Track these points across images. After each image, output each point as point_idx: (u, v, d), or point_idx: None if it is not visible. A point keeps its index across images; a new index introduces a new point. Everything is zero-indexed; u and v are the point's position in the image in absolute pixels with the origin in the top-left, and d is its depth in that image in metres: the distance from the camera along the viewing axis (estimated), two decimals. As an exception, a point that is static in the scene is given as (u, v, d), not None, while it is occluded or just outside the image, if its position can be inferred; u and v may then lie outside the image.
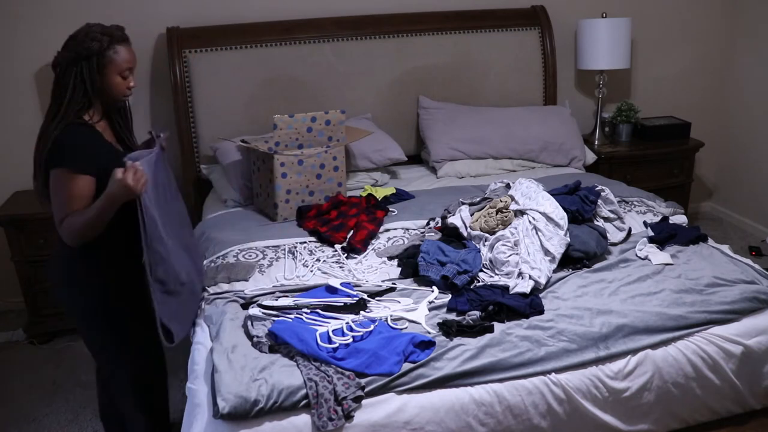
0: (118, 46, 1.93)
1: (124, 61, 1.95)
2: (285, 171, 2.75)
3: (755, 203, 4.14)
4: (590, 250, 2.31)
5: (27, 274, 3.13)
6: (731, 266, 2.25)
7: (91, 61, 1.90)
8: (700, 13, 4.09)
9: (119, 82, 1.96)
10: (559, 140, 3.43)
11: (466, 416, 1.73)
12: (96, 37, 1.90)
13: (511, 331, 1.91)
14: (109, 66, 1.92)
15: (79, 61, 1.89)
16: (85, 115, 1.94)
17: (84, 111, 1.93)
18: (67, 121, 1.89)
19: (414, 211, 2.81)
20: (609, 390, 1.84)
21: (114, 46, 1.92)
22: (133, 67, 1.99)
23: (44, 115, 1.95)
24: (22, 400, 2.85)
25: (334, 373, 1.71)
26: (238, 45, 3.33)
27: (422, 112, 3.54)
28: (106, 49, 1.91)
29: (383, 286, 2.17)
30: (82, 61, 1.89)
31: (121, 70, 1.95)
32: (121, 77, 1.96)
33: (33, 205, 3.15)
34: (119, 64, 1.93)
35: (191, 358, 1.96)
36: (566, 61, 3.89)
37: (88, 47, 1.89)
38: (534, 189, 2.51)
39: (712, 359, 1.93)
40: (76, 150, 1.88)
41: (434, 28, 3.56)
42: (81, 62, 1.89)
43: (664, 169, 3.81)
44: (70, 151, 1.87)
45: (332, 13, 3.50)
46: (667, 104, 4.16)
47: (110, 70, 1.93)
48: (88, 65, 1.90)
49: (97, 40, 1.89)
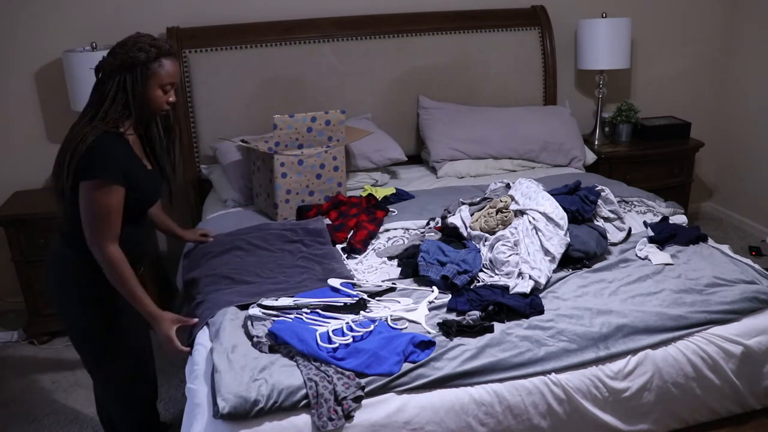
0: (164, 60, 1.90)
1: (168, 75, 1.92)
2: (285, 171, 2.75)
3: (755, 203, 4.14)
4: (590, 250, 2.31)
5: (27, 274, 3.13)
6: (731, 266, 2.25)
7: (135, 72, 1.87)
8: (700, 13, 4.09)
9: (159, 95, 1.93)
10: (559, 140, 3.43)
11: (466, 416, 1.73)
12: (144, 48, 1.87)
13: (511, 331, 1.91)
14: (152, 78, 1.89)
15: (123, 70, 1.86)
16: (121, 127, 1.92)
17: (121, 121, 1.90)
18: (104, 128, 1.86)
19: (414, 211, 2.81)
20: (609, 390, 1.84)
21: (160, 59, 1.89)
22: (175, 83, 1.96)
23: (79, 115, 1.93)
24: (22, 400, 2.85)
25: (334, 373, 1.71)
26: (238, 45, 3.33)
27: (422, 112, 3.54)
28: (152, 60, 1.88)
29: (383, 286, 2.17)
30: (127, 71, 1.86)
31: (163, 84, 1.92)
32: (162, 91, 1.93)
33: (33, 205, 3.16)
34: (162, 77, 1.90)
35: (191, 358, 1.96)
36: (566, 61, 3.89)
37: (135, 57, 1.86)
38: (534, 189, 2.51)
39: (712, 359, 1.93)
40: (109, 160, 1.84)
41: (434, 28, 3.56)
42: (125, 71, 1.86)
43: (664, 169, 3.81)
44: (103, 161, 1.83)
45: (332, 13, 3.50)
46: (667, 104, 4.16)
47: (153, 83, 1.90)
48: (132, 75, 1.87)
49: (144, 51, 1.86)
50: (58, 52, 3.21)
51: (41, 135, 3.40)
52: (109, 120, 1.87)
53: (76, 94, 3.09)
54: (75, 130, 1.88)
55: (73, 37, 3.25)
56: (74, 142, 1.84)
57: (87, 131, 1.84)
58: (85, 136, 1.83)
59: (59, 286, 2.02)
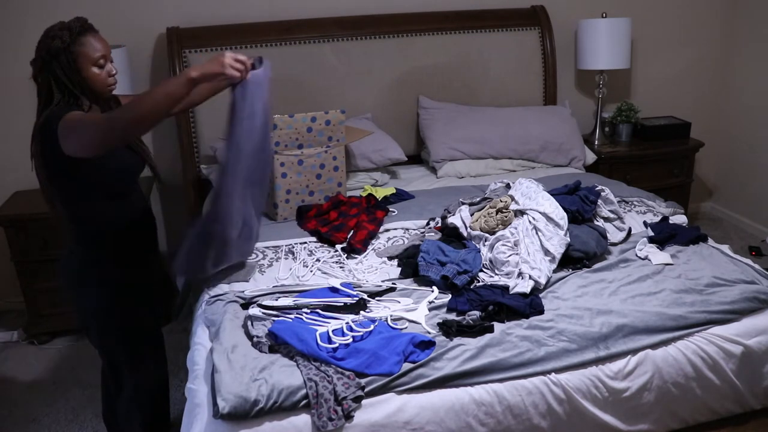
0: (81, 38, 1.85)
1: (94, 50, 1.86)
2: (285, 171, 2.75)
3: (755, 203, 4.14)
4: (590, 250, 2.31)
5: (27, 274, 3.13)
6: (731, 266, 2.25)
7: (60, 60, 1.83)
8: (700, 13, 4.09)
9: (97, 72, 1.87)
10: (559, 140, 3.43)
11: (466, 416, 1.73)
12: (56, 35, 1.83)
13: (511, 331, 1.91)
14: (79, 59, 1.84)
15: (49, 62, 1.83)
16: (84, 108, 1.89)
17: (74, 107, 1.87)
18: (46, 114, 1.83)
19: (414, 211, 2.81)
20: (609, 390, 1.84)
21: (78, 39, 1.85)
22: (107, 55, 1.89)
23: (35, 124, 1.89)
24: (22, 400, 2.85)
25: (334, 373, 1.71)
26: (238, 45, 3.33)
27: (422, 112, 3.54)
28: (70, 44, 1.83)
29: (383, 286, 2.17)
30: (53, 61, 1.83)
31: (93, 61, 1.86)
32: (98, 67, 1.87)
33: (33, 205, 3.16)
34: (89, 54, 1.85)
35: (191, 358, 1.96)
36: (566, 61, 3.89)
37: (51, 46, 1.82)
38: (534, 189, 2.51)
39: (712, 359, 1.93)
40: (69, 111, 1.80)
41: (434, 28, 3.56)
42: (51, 63, 1.83)
43: (664, 169, 3.81)
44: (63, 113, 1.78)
45: (332, 13, 3.50)
46: (667, 104, 4.16)
47: (83, 63, 1.84)
48: (59, 64, 1.83)
49: (57, 38, 1.83)
50: (58, 52, 3.20)
51: (41, 135, 3.39)
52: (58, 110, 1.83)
53: (76, 94, 3.09)
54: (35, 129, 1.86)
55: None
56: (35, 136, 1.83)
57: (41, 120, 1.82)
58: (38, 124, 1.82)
59: (74, 285, 2.04)
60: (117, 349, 2.11)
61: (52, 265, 3.11)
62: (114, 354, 2.13)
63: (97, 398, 2.76)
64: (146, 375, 2.18)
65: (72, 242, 2.02)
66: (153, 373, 2.23)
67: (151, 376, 2.22)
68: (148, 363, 2.19)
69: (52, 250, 3.10)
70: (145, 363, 2.17)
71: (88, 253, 1.97)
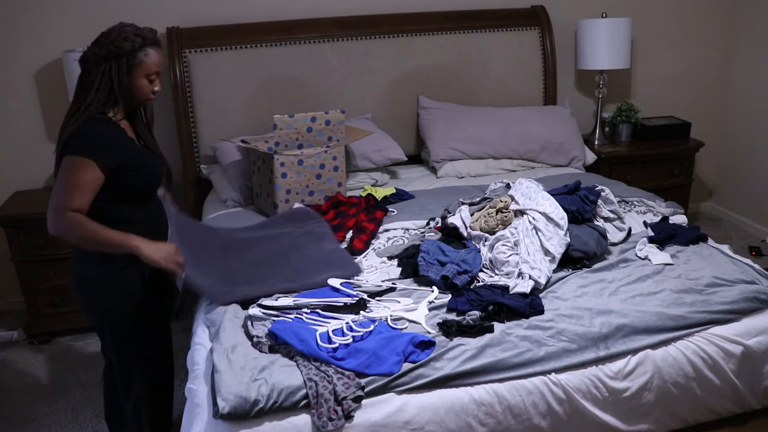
0: (149, 49, 1.92)
1: (154, 64, 1.94)
2: (285, 171, 2.75)
3: (755, 203, 4.14)
4: (590, 250, 2.31)
5: (27, 274, 3.13)
6: (731, 266, 2.25)
7: (120, 61, 1.88)
8: (700, 13, 4.09)
9: (145, 84, 1.95)
10: (559, 140, 3.43)
11: (466, 416, 1.73)
12: (129, 37, 1.88)
13: (511, 331, 1.91)
14: (138, 68, 1.91)
15: (108, 59, 1.88)
16: (109, 112, 1.95)
17: (108, 108, 1.93)
18: (88, 116, 1.88)
19: (414, 211, 2.81)
20: (609, 390, 1.84)
21: (145, 48, 1.91)
22: (160, 72, 1.98)
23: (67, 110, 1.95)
24: (22, 400, 2.85)
25: (334, 373, 1.71)
26: (238, 45, 3.33)
27: (422, 112, 3.54)
28: (137, 50, 1.89)
29: (383, 286, 2.17)
30: (112, 60, 1.88)
31: (148, 73, 1.94)
32: (148, 80, 1.95)
33: (33, 205, 3.16)
34: (148, 66, 1.93)
35: (191, 358, 1.96)
36: (566, 61, 3.89)
37: (120, 46, 1.87)
38: (534, 189, 2.51)
39: (712, 359, 1.93)
40: (93, 141, 1.86)
41: (434, 28, 3.56)
42: (111, 61, 1.88)
43: (664, 169, 3.81)
44: (87, 141, 1.86)
45: (332, 13, 3.50)
46: (667, 104, 4.16)
47: (138, 72, 1.92)
48: (117, 65, 1.88)
49: (129, 40, 1.88)
50: (58, 52, 3.21)
51: (41, 135, 3.40)
52: (93, 109, 1.89)
53: (76, 94, 3.10)
54: (63, 124, 1.91)
55: (73, 37, 3.25)
56: (62, 134, 1.88)
57: (72, 122, 1.87)
58: (71, 126, 1.86)
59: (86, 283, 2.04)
60: (128, 349, 2.11)
61: (52, 265, 3.13)
62: (123, 354, 2.12)
63: (97, 398, 2.77)
64: (156, 375, 2.18)
65: None
66: (163, 372, 2.23)
67: (162, 376, 2.23)
68: (158, 362, 2.19)
69: (52, 250, 3.10)
70: (154, 362, 2.17)
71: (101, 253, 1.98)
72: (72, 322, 3.24)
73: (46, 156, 3.36)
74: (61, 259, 3.09)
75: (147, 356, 2.14)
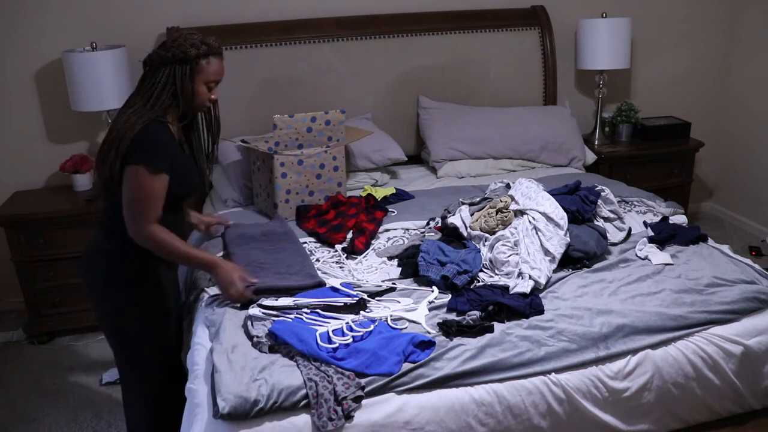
0: (212, 58, 1.98)
1: (214, 72, 2.00)
2: (285, 171, 2.75)
3: (755, 203, 4.14)
4: (590, 250, 2.31)
5: (27, 274, 3.13)
6: (731, 266, 2.25)
7: (184, 66, 1.94)
8: (700, 13, 4.09)
9: (204, 91, 2.00)
10: (559, 140, 3.43)
11: (466, 416, 1.73)
12: (196, 44, 1.95)
13: (511, 331, 1.91)
14: (199, 74, 1.97)
15: (174, 63, 1.93)
16: (168, 116, 1.99)
17: (168, 111, 1.98)
18: (151, 117, 1.91)
19: (414, 211, 2.81)
20: (609, 390, 1.84)
21: (209, 57, 1.97)
22: (219, 81, 2.04)
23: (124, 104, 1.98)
24: (22, 400, 2.85)
25: (334, 373, 1.71)
26: (238, 45, 3.33)
27: (422, 112, 3.54)
28: (202, 57, 1.95)
29: (383, 286, 2.17)
30: (177, 64, 1.93)
31: (208, 81, 1.99)
32: (207, 88, 2.01)
33: (33, 205, 3.16)
34: (209, 74, 1.98)
35: (191, 358, 1.96)
36: (566, 61, 3.89)
37: (186, 52, 1.93)
38: (534, 189, 2.51)
39: (712, 359, 1.93)
40: (157, 147, 1.91)
41: (434, 28, 3.56)
42: (175, 65, 1.93)
43: (664, 169, 3.81)
44: (152, 149, 1.89)
45: (332, 13, 3.50)
46: (667, 104, 4.16)
47: (199, 78, 1.97)
48: (182, 69, 1.94)
49: (195, 47, 1.94)
50: (58, 52, 3.21)
51: (41, 135, 3.40)
52: (157, 109, 1.94)
53: (76, 94, 3.09)
54: (122, 118, 1.93)
55: (73, 37, 3.25)
56: (122, 130, 1.89)
57: (135, 119, 1.90)
58: (134, 123, 1.89)
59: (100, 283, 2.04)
60: (137, 349, 2.10)
61: (52, 265, 3.13)
62: (132, 353, 2.12)
63: (97, 398, 2.78)
64: (164, 375, 2.17)
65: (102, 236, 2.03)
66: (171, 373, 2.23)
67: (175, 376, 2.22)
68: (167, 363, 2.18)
69: (52, 250, 3.10)
70: (163, 363, 2.16)
71: (118, 251, 1.99)
72: (72, 322, 3.24)
73: (46, 156, 3.38)
74: (61, 259, 3.10)
75: (157, 357, 2.13)
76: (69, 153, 3.36)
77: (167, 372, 2.19)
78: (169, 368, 2.19)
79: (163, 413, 2.19)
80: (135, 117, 1.90)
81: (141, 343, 2.10)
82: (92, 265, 2.05)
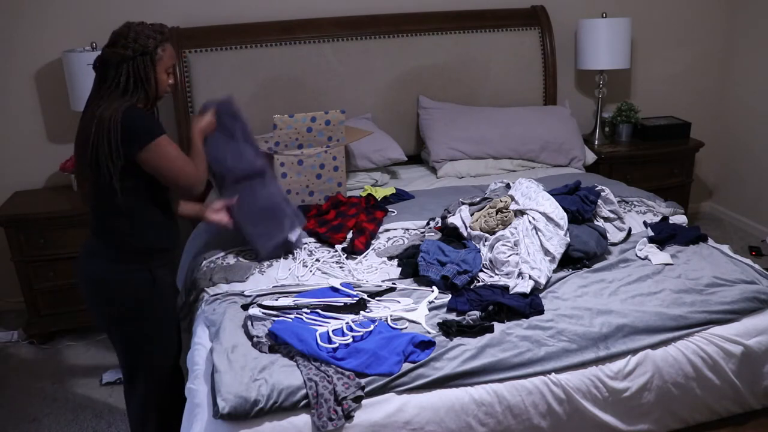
0: (165, 44, 2.02)
1: (171, 57, 2.03)
2: (285, 171, 2.75)
3: (755, 203, 4.14)
4: (590, 250, 2.31)
5: (27, 274, 3.13)
6: (731, 266, 2.25)
7: (145, 58, 1.96)
8: (700, 13, 4.09)
9: (164, 78, 2.03)
10: (559, 140, 3.43)
11: (466, 416, 1.74)
12: (151, 35, 1.98)
13: (511, 331, 1.91)
14: (159, 62, 2.00)
15: (134, 57, 1.95)
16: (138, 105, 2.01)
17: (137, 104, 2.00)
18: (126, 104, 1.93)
19: (414, 211, 2.81)
20: (609, 390, 1.84)
21: (164, 44, 2.01)
22: (176, 65, 2.09)
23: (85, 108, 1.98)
24: (22, 400, 2.85)
25: (334, 373, 1.71)
26: (238, 45, 3.33)
27: (422, 112, 3.54)
28: (159, 46, 1.99)
29: (383, 286, 2.17)
30: (138, 57, 1.95)
31: (167, 67, 2.03)
32: (167, 74, 2.03)
33: (33, 205, 3.16)
34: (167, 61, 2.02)
35: (191, 358, 1.96)
36: (566, 61, 3.89)
37: (145, 44, 1.95)
38: (534, 189, 2.51)
39: (712, 359, 1.93)
40: (151, 120, 1.98)
41: (434, 28, 3.56)
42: (137, 58, 1.95)
43: (664, 169, 3.81)
44: (148, 123, 1.95)
45: (332, 13, 3.50)
46: (667, 104, 4.16)
47: (160, 67, 2.00)
48: (143, 61, 1.96)
49: (152, 38, 1.97)
50: (58, 52, 3.21)
51: (41, 135, 3.40)
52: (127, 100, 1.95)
53: (76, 94, 3.09)
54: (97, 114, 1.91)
55: (73, 37, 3.26)
56: (105, 123, 1.88)
57: (111, 111, 1.89)
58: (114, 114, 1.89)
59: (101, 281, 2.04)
60: (135, 349, 2.10)
61: (52, 265, 3.13)
62: (131, 353, 2.12)
63: (97, 398, 2.78)
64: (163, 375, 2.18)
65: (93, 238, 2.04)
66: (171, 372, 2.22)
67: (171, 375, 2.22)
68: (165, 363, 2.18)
69: (52, 250, 3.10)
70: (162, 362, 2.16)
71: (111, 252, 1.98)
72: (72, 322, 3.24)
73: (46, 156, 3.38)
74: (61, 259, 3.09)
75: (155, 356, 2.13)
76: (69, 153, 3.35)
77: (170, 373, 2.19)
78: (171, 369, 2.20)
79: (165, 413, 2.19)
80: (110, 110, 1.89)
81: (144, 346, 2.09)
82: (87, 266, 2.04)
